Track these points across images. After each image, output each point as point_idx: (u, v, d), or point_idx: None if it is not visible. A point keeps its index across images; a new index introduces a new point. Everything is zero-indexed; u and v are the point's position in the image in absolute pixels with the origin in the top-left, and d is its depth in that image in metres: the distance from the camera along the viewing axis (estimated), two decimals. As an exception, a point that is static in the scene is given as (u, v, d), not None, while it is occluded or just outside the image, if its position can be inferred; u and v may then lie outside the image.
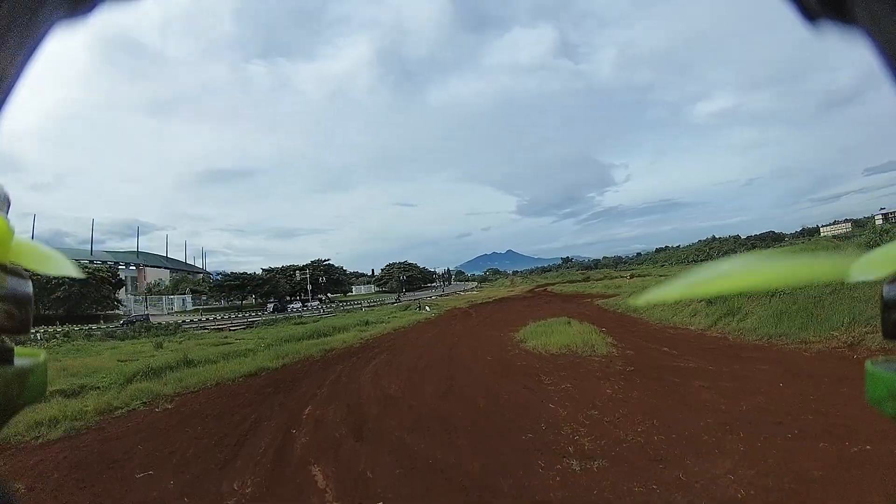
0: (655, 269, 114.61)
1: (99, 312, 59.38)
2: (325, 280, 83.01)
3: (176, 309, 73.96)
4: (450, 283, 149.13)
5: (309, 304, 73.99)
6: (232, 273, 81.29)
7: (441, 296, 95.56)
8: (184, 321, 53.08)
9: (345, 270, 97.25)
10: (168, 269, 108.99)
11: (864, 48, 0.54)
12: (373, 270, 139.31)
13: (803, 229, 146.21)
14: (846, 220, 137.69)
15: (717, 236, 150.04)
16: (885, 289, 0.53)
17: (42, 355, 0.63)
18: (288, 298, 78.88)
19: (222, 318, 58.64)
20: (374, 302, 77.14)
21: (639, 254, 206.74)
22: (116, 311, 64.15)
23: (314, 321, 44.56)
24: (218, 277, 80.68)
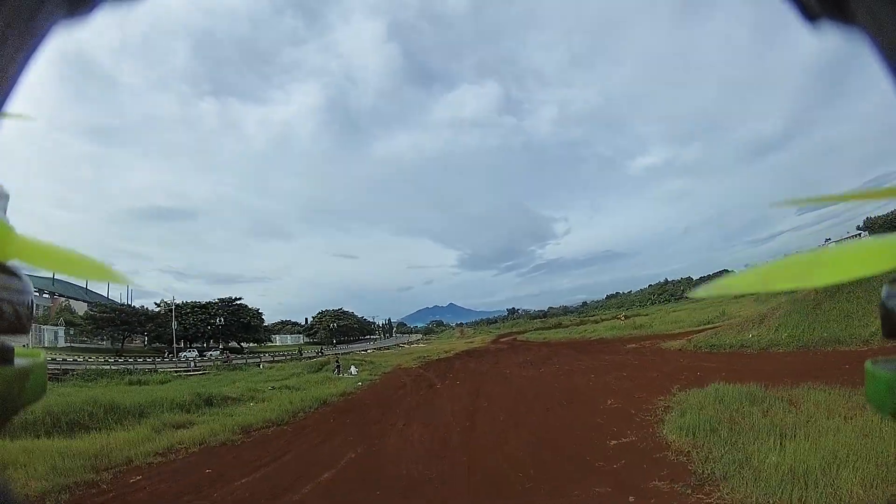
0: (632, 312, 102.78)
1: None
2: (222, 323, 63.62)
3: (45, 343, 52.84)
4: (391, 335, 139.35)
5: (210, 353, 56.13)
6: (108, 305, 60.97)
7: (380, 349, 78.12)
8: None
9: (260, 314, 77.67)
10: (87, 301, 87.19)
11: (864, 48, 0.54)
12: (306, 319, 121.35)
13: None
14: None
15: (669, 279, 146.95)
16: (885, 289, 0.53)
17: (42, 355, 0.63)
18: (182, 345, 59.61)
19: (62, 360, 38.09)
20: (285, 355, 57.84)
21: (584, 303, 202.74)
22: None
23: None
24: (94, 310, 59.58)
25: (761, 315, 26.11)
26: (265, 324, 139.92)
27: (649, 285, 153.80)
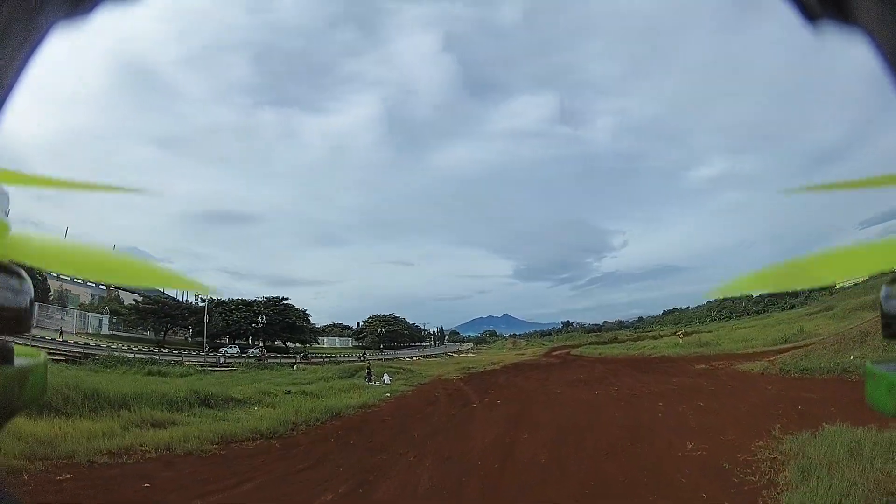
0: (692, 328, 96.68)
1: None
2: (264, 321, 62.79)
3: (89, 330, 53.88)
4: (442, 343, 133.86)
5: (250, 350, 55.37)
6: (153, 296, 61.46)
7: (427, 356, 75.82)
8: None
9: (307, 315, 76.21)
10: (141, 294, 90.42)
11: (864, 48, 0.55)
12: (358, 323, 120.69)
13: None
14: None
15: (728, 296, 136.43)
16: (885, 289, 0.53)
17: (42, 355, 0.63)
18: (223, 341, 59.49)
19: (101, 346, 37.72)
20: (325, 358, 56.41)
21: (640, 318, 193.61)
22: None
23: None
24: (138, 300, 60.33)
25: (862, 332, 21.94)
26: (316, 326, 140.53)
27: (707, 301, 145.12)
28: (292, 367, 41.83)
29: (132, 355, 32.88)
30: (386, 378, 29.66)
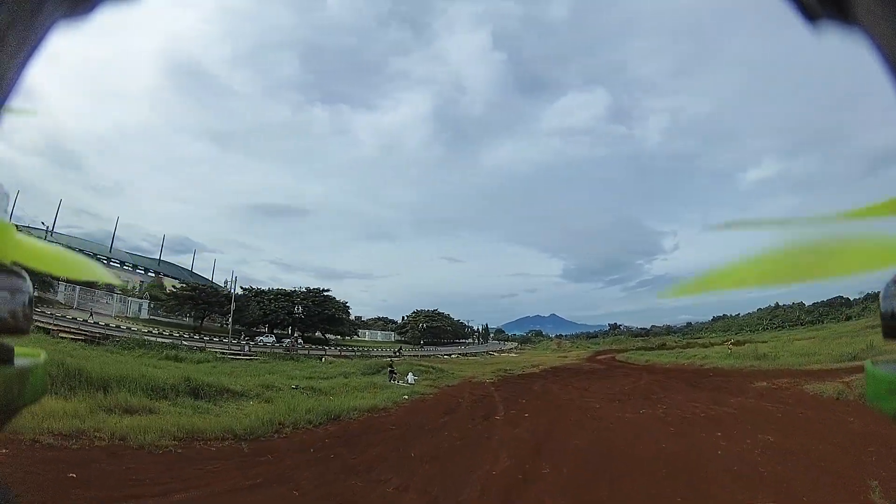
0: (742, 337, 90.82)
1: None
2: (299, 311, 62.81)
3: (128, 314, 55.30)
4: (486, 341, 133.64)
5: (285, 340, 55.82)
6: (191, 283, 62.58)
7: (467, 354, 73.99)
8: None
9: (347, 307, 75.74)
10: (186, 282, 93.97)
11: (864, 48, 0.55)
12: (403, 318, 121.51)
13: (867, 295, 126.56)
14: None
15: (779, 303, 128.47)
16: (884, 289, 0.53)
17: (42, 355, 0.62)
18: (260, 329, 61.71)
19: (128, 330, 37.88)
20: (358, 351, 55.06)
21: (689, 323, 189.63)
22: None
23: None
24: (176, 287, 61.58)
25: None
26: (361, 318, 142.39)
27: (758, 309, 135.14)
28: (320, 359, 40.89)
29: (153, 339, 32.48)
30: (410, 377, 28.01)
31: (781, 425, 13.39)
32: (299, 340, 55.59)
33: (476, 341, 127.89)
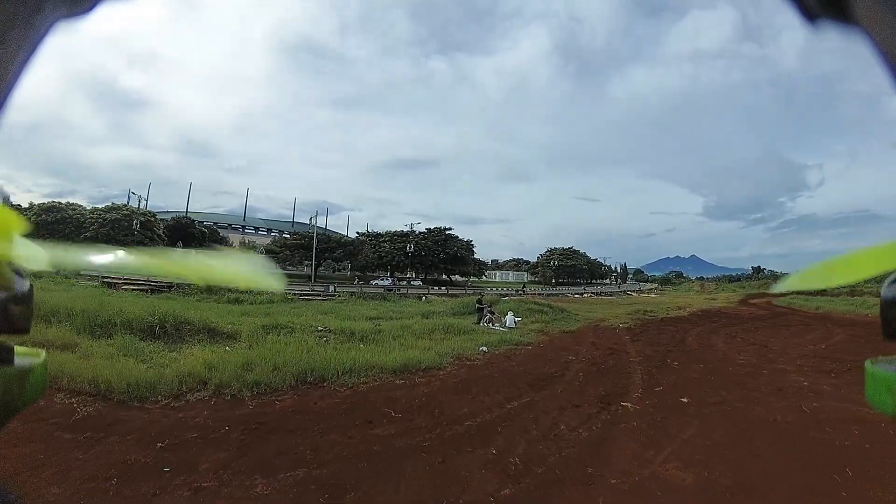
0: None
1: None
2: (412, 251, 59.73)
3: None
4: (623, 282, 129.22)
5: (403, 281, 54.43)
6: (300, 232, 62.49)
7: (599, 294, 66.69)
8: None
9: (471, 246, 71.57)
10: (292, 232, 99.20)
11: (863, 48, 0.55)
12: (538, 258, 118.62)
13: None
14: None
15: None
16: (884, 289, 0.52)
17: (42, 355, 0.61)
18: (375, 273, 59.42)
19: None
20: (465, 291, 49.91)
21: None
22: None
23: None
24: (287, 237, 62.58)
25: None
26: (498, 262, 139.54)
27: None
28: (420, 298, 37.08)
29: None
30: (509, 319, 21.65)
31: None
32: (409, 281, 52.99)
33: (614, 281, 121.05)
